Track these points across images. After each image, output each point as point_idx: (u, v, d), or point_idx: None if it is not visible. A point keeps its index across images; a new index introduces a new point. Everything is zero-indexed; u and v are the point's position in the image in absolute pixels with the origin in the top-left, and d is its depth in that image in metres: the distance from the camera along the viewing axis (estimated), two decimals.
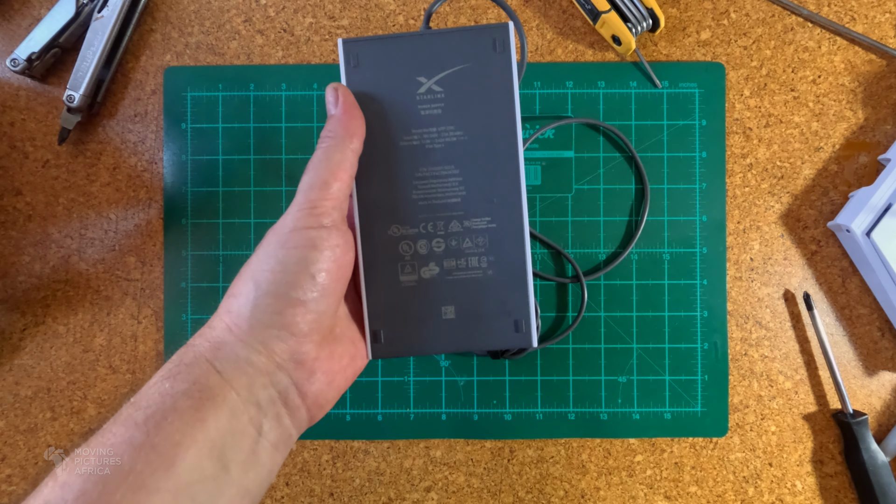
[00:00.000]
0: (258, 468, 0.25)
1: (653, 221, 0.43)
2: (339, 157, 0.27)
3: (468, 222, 0.29)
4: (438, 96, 0.29)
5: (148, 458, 0.22)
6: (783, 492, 0.43)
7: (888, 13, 0.44)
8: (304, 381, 0.26)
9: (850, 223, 0.41)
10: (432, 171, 0.29)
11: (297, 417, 0.27)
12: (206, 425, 0.23)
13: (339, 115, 0.28)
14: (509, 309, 0.29)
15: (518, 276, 0.29)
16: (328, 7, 0.44)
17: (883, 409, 0.43)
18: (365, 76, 0.29)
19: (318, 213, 0.26)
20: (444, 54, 0.28)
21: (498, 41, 0.28)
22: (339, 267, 0.27)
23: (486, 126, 0.28)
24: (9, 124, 0.43)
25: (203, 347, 0.25)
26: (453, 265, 0.29)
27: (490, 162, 0.29)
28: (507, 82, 0.28)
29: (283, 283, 0.25)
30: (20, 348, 0.42)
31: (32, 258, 0.43)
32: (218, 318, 0.26)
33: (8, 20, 0.43)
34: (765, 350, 0.43)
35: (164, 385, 0.24)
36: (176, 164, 0.43)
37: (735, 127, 0.44)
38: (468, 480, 0.43)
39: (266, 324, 0.25)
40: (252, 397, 0.25)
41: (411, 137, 0.29)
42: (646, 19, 0.42)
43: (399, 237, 0.29)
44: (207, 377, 0.24)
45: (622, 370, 0.43)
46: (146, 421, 0.23)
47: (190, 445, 0.23)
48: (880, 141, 0.44)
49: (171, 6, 0.44)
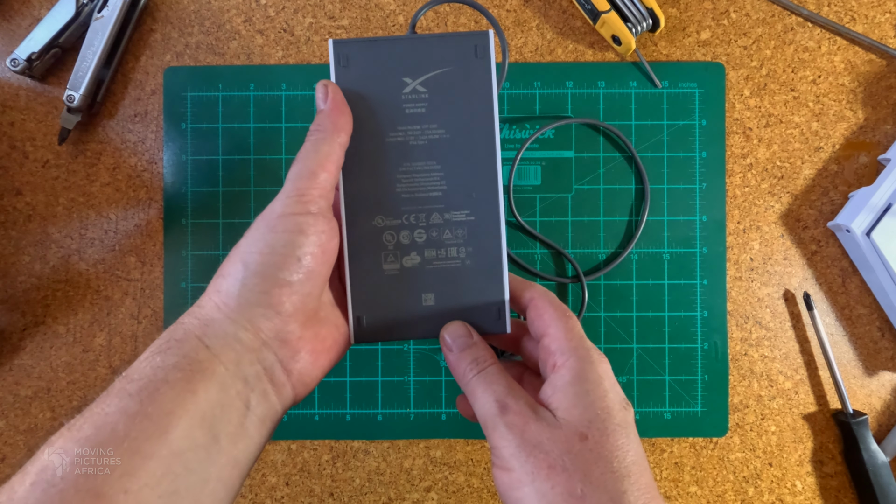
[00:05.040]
0: (247, 440, 0.26)
1: (653, 221, 0.43)
2: (327, 149, 0.28)
3: (448, 215, 0.30)
4: (423, 96, 0.30)
5: (142, 426, 0.23)
6: (783, 492, 0.43)
7: (888, 13, 0.44)
8: (288, 358, 0.28)
9: (850, 223, 0.41)
10: (416, 166, 0.30)
11: (282, 394, 0.28)
12: (196, 397, 0.24)
13: (327, 110, 0.29)
14: (486, 297, 0.30)
15: (494, 266, 0.30)
16: (328, 7, 0.44)
17: (883, 409, 0.43)
18: (353, 75, 0.30)
19: (305, 200, 0.28)
20: (429, 57, 0.30)
21: (479, 47, 0.30)
22: (324, 252, 0.28)
23: (466, 125, 0.30)
24: (9, 124, 0.43)
25: (192, 325, 0.26)
26: (434, 255, 0.30)
27: (469, 159, 0.30)
28: (486, 85, 0.30)
29: (271, 264, 0.27)
30: (20, 348, 0.42)
31: (32, 258, 0.43)
32: (207, 297, 0.28)
33: (8, 20, 0.43)
34: (765, 350, 0.43)
35: (156, 359, 0.25)
36: (176, 164, 0.43)
37: (735, 127, 0.44)
38: (468, 480, 0.43)
39: (253, 303, 0.26)
40: (240, 372, 0.26)
41: (396, 134, 0.30)
42: (646, 19, 0.42)
43: (383, 227, 0.31)
44: (197, 352, 0.25)
45: (622, 370, 0.43)
46: (139, 392, 0.24)
47: (182, 415, 0.23)
48: (880, 141, 0.44)
49: (171, 6, 0.44)
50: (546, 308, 0.29)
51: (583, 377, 0.26)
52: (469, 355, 0.29)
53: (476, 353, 0.29)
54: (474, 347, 0.29)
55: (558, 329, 0.28)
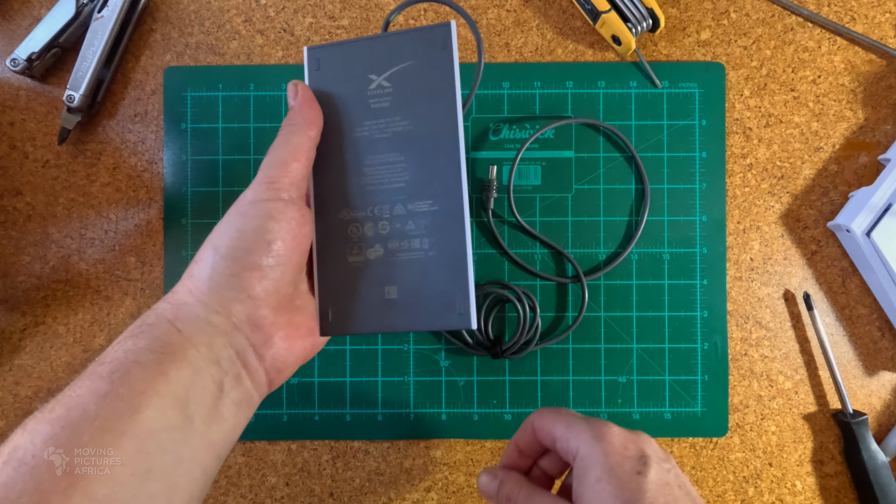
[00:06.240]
0: (221, 422, 0.26)
1: (653, 221, 0.43)
2: (298, 140, 0.29)
3: (412, 205, 0.31)
4: (387, 90, 0.31)
5: (113, 405, 0.23)
6: (783, 492, 0.43)
7: (888, 13, 0.44)
8: (261, 343, 0.28)
9: (850, 223, 0.41)
10: (379, 158, 0.31)
11: (256, 380, 0.28)
12: (168, 378, 0.24)
13: (298, 106, 0.30)
14: (449, 290, 0.30)
15: (458, 258, 0.30)
16: (328, 7, 0.44)
17: (883, 409, 0.43)
18: (325, 77, 0.31)
19: (276, 187, 0.28)
20: (394, 53, 0.31)
21: (441, 39, 0.30)
22: (295, 238, 0.28)
23: (429, 116, 0.31)
24: (9, 124, 0.43)
25: (165, 309, 0.27)
26: (397, 246, 0.31)
27: (432, 149, 0.31)
28: (449, 76, 0.30)
29: (241, 248, 0.27)
30: (20, 348, 0.42)
31: (32, 258, 0.43)
32: (180, 283, 0.28)
33: (8, 20, 0.43)
34: (765, 350, 0.43)
35: (128, 343, 0.25)
36: (176, 164, 0.43)
37: (735, 127, 0.44)
38: (468, 480, 0.43)
39: (224, 286, 0.27)
40: (212, 355, 0.26)
41: (362, 129, 0.31)
42: (646, 19, 0.42)
43: (349, 220, 0.31)
44: (169, 335, 0.26)
45: (622, 370, 0.43)
46: (111, 374, 0.24)
47: (153, 395, 0.24)
48: (880, 141, 0.44)
49: (171, 6, 0.44)
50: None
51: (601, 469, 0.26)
52: (502, 496, 0.29)
53: (505, 491, 0.29)
54: (502, 487, 0.29)
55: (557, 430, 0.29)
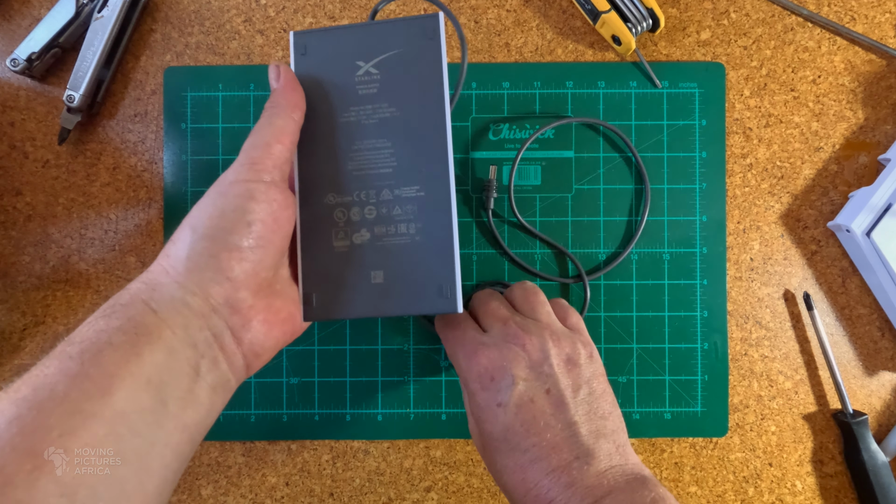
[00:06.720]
0: (197, 406, 0.25)
1: (653, 221, 0.43)
2: (281, 122, 0.29)
3: (398, 190, 0.31)
4: (375, 77, 0.31)
5: (83, 387, 0.22)
6: (783, 492, 0.43)
7: (888, 13, 0.44)
8: (239, 327, 0.27)
9: (850, 223, 0.41)
10: (366, 143, 0.31)
11: (233, 364, 0.27)
12: (141, 360, 0.24)
13: (280, 88, 0.30)
14: (435, 274, 0.30)
15: (444, 243, 0.30)
16: (328, 7, 0.44)
17: (883, 409, 0.43)
18: (311, 62, 0.32)
19: (258, 168, 0.28)
20: (382, 41, 0.31)
21: (429, 29, 0.31)
22: (276, 220, 0.28)
23: (416, 103, 0.31)
24: (9, 124, 0.43)
25: (139, 289, 0.26)
26: (384, 231, 0.31)
27: (419, 135, 0.31)
28: (436, 64, 0.31)
29: (220, 228, 0.26)
30: (20, 348, 0.42)
31: (32, 258, 0.43)
32: (156, 263, 0.27)
33: (8, 20, 0.43)
34: (765, 350, 0.43)
35: (100, 323, 0.24)
36: (176, 164, 0.43)
37: (735, 127, 0.44)
38: (468, 480, 0.43)
39: (202, 266, 0.26)
40: (188, 338, 0.25)
41: (349, 114, 0.31)
42: (646, 19, 0.42)
43: (334, 205, 0.31)
44: (143, 316, 0.25)
45: (622, 370, 0.43)
46: (81, 354, 0.23)
47: (125, 377, 0.23)
48: (880, 141, 0.44)
49: (171, 6, 0.44)
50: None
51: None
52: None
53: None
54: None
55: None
